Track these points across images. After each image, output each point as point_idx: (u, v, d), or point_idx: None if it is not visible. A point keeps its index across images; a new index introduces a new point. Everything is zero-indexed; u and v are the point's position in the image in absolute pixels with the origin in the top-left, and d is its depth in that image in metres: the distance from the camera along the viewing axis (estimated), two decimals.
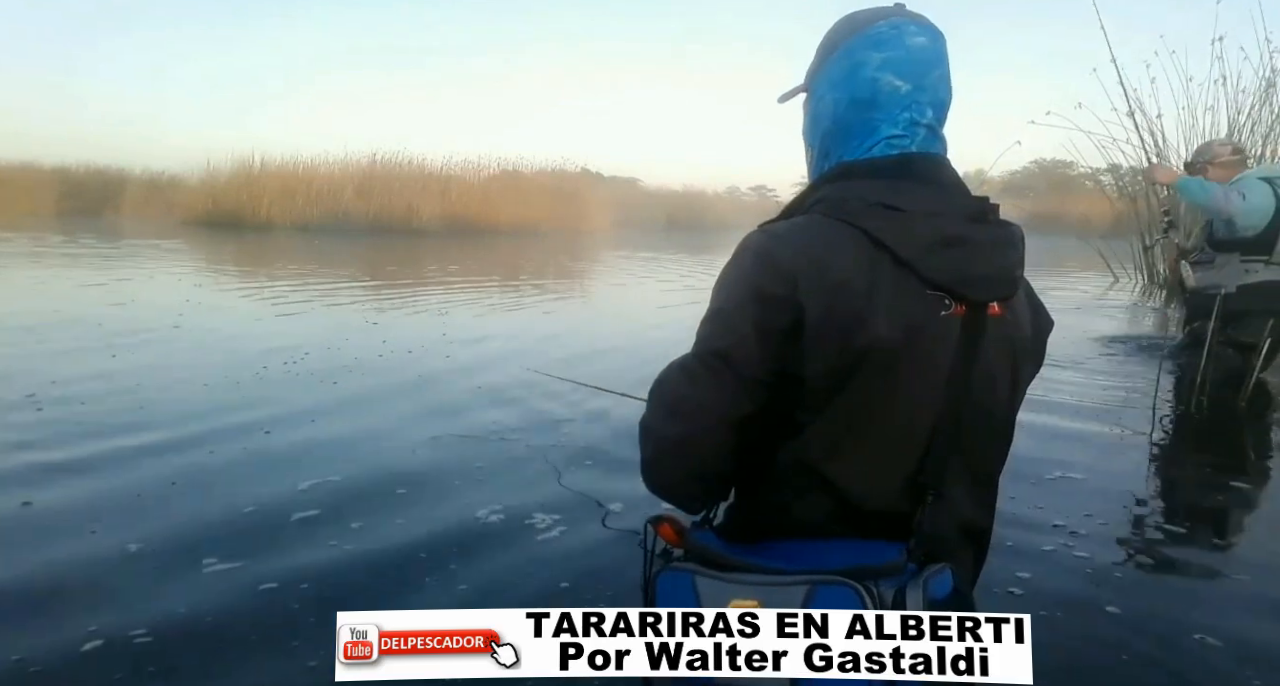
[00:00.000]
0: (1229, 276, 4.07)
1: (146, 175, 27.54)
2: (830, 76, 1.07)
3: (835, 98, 1.06)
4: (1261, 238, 3.94)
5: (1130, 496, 3.18)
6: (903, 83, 1.03)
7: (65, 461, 3.29)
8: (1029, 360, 1.10)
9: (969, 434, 1.01)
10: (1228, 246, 4.04)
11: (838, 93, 1.06)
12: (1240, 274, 4.01)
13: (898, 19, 1.04)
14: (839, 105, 1.06)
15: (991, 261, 1.00)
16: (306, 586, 2.26)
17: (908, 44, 1.03)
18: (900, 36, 1.03)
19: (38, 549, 2.49)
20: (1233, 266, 4.05)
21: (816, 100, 1.10)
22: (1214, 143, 4.62)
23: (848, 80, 1.05)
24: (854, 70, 1.04)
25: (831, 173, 1.07)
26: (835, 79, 1.06)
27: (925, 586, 0.91)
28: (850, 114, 1.05)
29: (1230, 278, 4.06)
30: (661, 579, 0.98)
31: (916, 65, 1.03)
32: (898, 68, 1.03)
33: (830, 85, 1.07)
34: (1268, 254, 3.96)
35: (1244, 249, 4.00)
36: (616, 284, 12.30)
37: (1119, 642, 2.08)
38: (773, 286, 0.95)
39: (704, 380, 1.01)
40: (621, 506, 2.86)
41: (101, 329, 6.30)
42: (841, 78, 1.05)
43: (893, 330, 0.95)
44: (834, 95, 1.06)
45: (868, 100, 1.04)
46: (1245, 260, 4.01)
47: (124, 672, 1.86)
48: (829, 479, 0.99)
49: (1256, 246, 3.96)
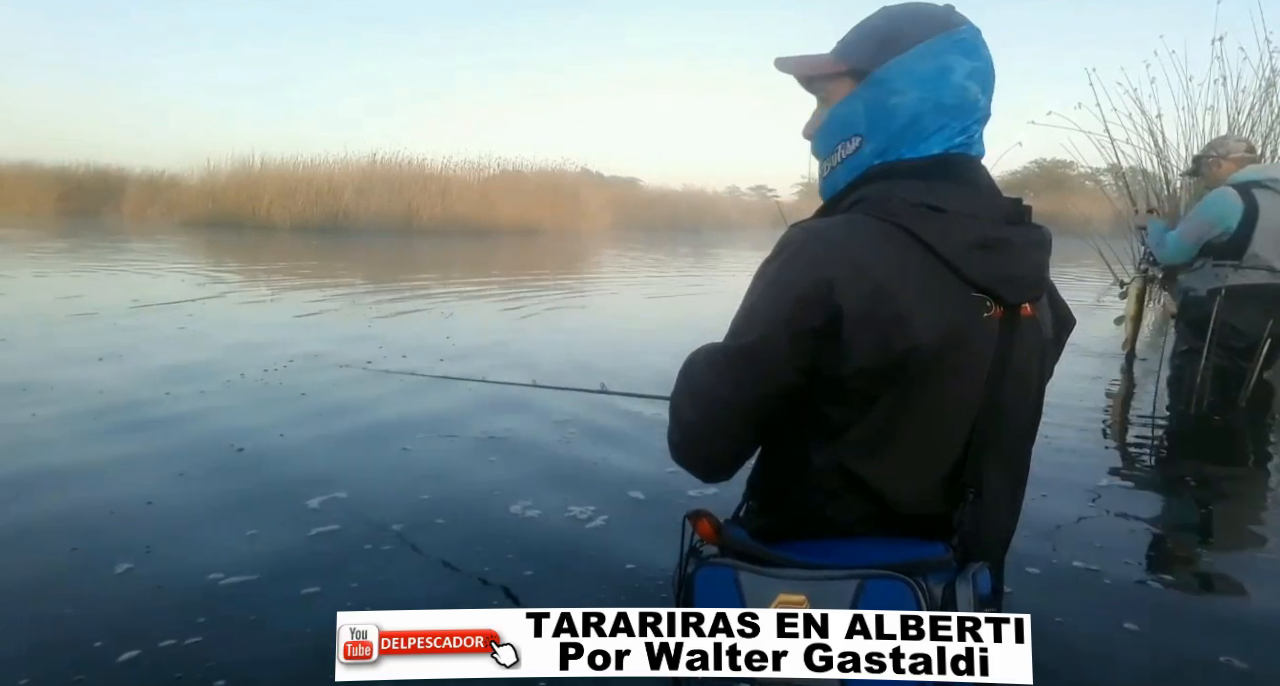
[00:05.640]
0: (1201, 280, 4.15)
1: (146, 175, 27.57)
2: (916, 73, 1.00)
3: (921, 97, 1.00)
4: (1232, 243, 4.00)
5: (1125, 496, 3.18)
6: (981, 95, 1.02)
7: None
8: (1051, 360, 1.12)
9: (1005, 434, 1.02)
10: (1202, 251, 4.10)
11: (923, 92, 1.00)
12: (1211, 278, 4.08)
13: (972, 26, 1.03)
14: (922, 105, 1.00)
15: (1028, 263, 1.01)
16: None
17: (985, 55, 1.03)
18: (979, 46, 1.02)
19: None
20: (1205, 271, 4.13)
21: (890, 93, 1.01)
22: (1229, 138, 4.62)
23: (936, 82, 1.00)
24: (943, 73, 1.00)
25: (868, 173, 1.04)
26: (923, 77, 1.00)
27: (974, 582, 0.91)
28: (931, 116, 1.01)
29: (1203, 281, 4.12)
30: (701, 575, 0.97)
31: (989, 77, 1.03)
32: (981, 79, 1.02)
33: (916, 82, 1.00)
34: (1238, 259, 4.01)
35: (1216, 254, 4.05)
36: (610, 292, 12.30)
37: (1118, 644, 2.08)
38: (809, 286, 0.94)
39: (724, 373, 1.01)
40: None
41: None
42: (930, 78, 1.00)
43: (935, 332, 0.94)
44: (919, 94, 1.00)
45: (953, 107, 1.01)
46: (1217, 265, 4.08)
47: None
48: (866, 480, 0.98)
49: (1227, 251, 4.03)
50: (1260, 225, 3.94)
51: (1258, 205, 3.95)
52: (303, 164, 24.66)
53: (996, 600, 0.96)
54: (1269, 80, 6.82)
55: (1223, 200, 4.03)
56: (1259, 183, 4.00)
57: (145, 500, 2.86)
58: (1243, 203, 3.96)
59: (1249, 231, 3.96)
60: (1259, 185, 3.99)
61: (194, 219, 22.95)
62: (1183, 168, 6.71)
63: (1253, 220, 3.95)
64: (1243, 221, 3.95)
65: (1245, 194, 3.97)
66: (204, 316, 7.19)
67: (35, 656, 1.91)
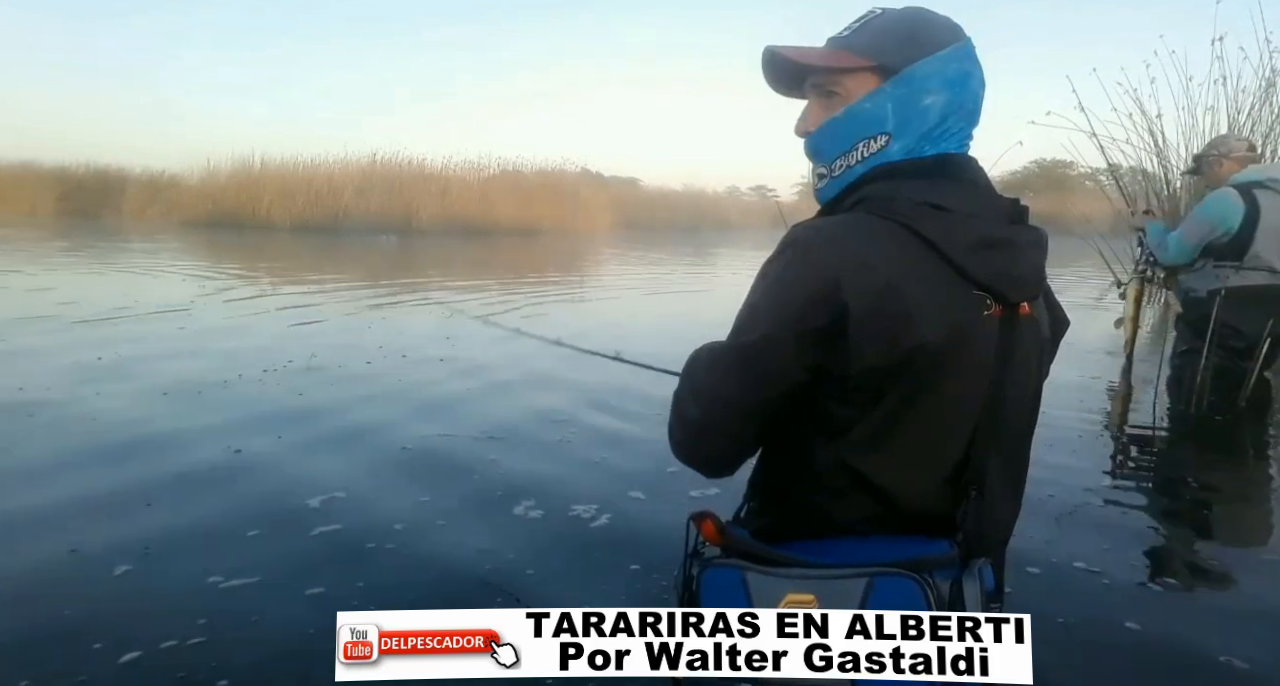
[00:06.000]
0: (1202, 281, 4.15)
1: (146, 175, 27.57)
2: (946, 75, 1.03)
3: (949, 99, 1.03)
4: (1234, 244, 3.99)
5: (1125, 497, 3.18)
6: (980, 100, 1.07)
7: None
8: (1049, 359, 1.13)
9: (1005, 432, 1.03)
10: (1203, 252, 4.10)
11: (951, 93, 1.03)
12: (1212, 279, 4.07)
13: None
14: (950, 106, 1.03)
15: (1028, 262, 1.02)
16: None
17: (981, 63, 1.07)
18: (976, 55, 1.06)
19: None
20: (1206, 271, 4.12)
21: (924, 91, 1.02)
22: (1230, 137, 4.60)
23: (960, 85, 1.03)
24: (965, 78, 1.04)
25: (871, 172, 1.04)
26: (951, 80, 1.03)
27: (980, 578, 0.92)
28: (954, 119, 1.04)
29: (1203, 282, 4.12)
30: (707, 576, 0.97)
31: (984, 85, 1.07)
32: (982, 85, 1.06)
33: (946, 84, 1.03)
34: (1239, 260, 4.01)
35: (1217, 255, 4.05)
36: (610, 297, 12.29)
37: (1119, 644, 2.08)
38: (814, 285, 0.94)
39: (727, 372, 1.02)
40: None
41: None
42: (957, 81, 1.03)
43: (939, 330, 0.94)
44: (949, 96, 1.03)
45: (971, 111, 1.05)
46: (1218, 265, 4.07)
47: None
48: (870, 478, 0.98)
49: (1229, 252, 4.02)
50: (1262, 226, 3.94)
51: (1259, 206, 3.94)
52: (303, 164, 24.72)
53: (1000, 596, 0.96)
54: (1269, 80, 6.83)
55: (1224, 201, 4.02)
56: (1260, 183, 4.00)
57: (144, 502, 2.86)
58: (1244, 203, 3.96)
59: (1250, 232, 3.95)
60: (1260, 185, 3.99)
61: (194, 219, 22.96)
62: (1183, 167, 6.71)
63: (1254, 221, 3.95)
64: (1244, 222, 3.95)
65: (1246, 194, 3.97)
66: (202, 317, 7.19)
67: (35, 658, 1.91)
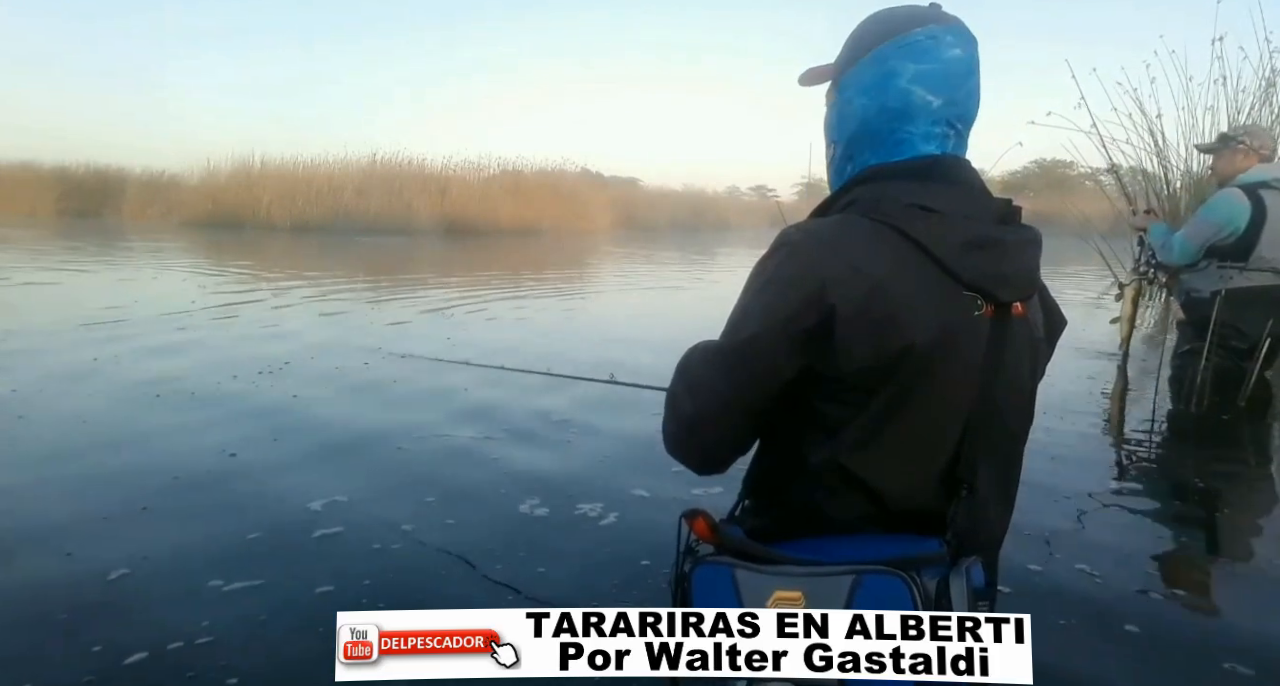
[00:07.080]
0: (1205, 281, 4.13)
1: (146, 175, 27.57)
2: (861, 81, 1.05)
3: (864, 103, 1.04)
4: (1239, 244, 3.98)
5: (1125, 498, 3.18)
6: (934, 97, 1.02)
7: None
8: (1043, 359, 1.12)
9: (997, 431, 1.03)
10: (1207, 252, 4.09)
11: (867, 99, 1.04)
12: (1216, 279, 4.06)
13: (935, 27, 1.02)
14: (868, 111, 1.04)
15: (1019, 262, 1.02)
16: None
17: (944, 57, 1.01)
18: (937, 48, 1.01)
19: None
20: (1210, 272, 4.11)
21: (844, 102, 1.07)
22: (1264, 132, 4.37)
23: (879, 88, 1.03)
24: (886, 79, 1.02)
25: (862, 174, 1.06)
26: (866, 84, 1.04)
27: (968, 576, 0.92)
28: (879, 122, 1.04)
29: (1207, 282, 4.11)
30: (699, 573, 0.98)
31: (950, 79, 1.02)
32: (931, 82, 1.01)
33: (860, 90, 1.05)
34: (1244, 260, 4.00)
35: (1221, 255, 4.04)
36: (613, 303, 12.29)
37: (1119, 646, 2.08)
38: (803, 285, 0.95)
39: (720, 369, 1.03)
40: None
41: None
42: (872, 84, 1.03)
43: (929, 331, 0.95)
44: (863, 101, 1.04)
45: (899, 111, 1.03)
46: (1222, 266, 4.06)
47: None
48: (863, 477, 0.99)
49: (1234, 253, 4.01)
50: (1268, 227, 3.91)
51: (1265, 206, 3.92)
52: (303, 164, 24.73)
53: (990, 594, 0.96)
54: (1269, 80, 6.81)
55: (1230, 202, 3.99)
56: (1265, 183, 3.97)
57: (140, 506, 2.85)
58: (1250, 204, 3.93)
59: (1256, 233, 3.92)
60: (1266, 186, 3.96)
61: (194, 219, 22.95)
62: (1182, 167, 6.71)
63: (1260, 222, 3.92)
64: (1250, 223, 3.93)
65: (1252, 195, 3.94)
66: (200, 318, 7.18)
67: (35, 658, 1.90)
